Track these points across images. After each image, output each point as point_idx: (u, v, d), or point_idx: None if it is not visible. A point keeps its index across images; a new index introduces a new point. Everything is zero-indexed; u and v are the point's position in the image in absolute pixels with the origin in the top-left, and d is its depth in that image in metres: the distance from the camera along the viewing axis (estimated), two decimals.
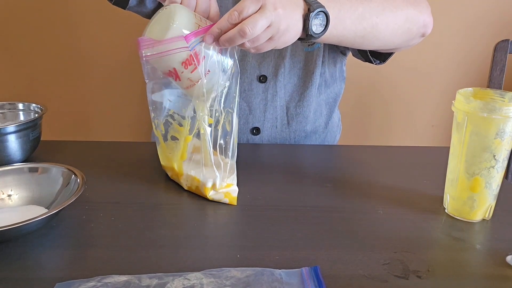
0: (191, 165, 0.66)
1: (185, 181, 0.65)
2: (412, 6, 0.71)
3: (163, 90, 0.63)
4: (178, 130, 0.65)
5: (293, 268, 0.47)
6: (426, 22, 0.73)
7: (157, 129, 0.66)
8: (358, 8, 0.64)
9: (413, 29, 0.72)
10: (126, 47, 1.37)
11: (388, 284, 0.46)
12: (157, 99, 0.64)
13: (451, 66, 1.40)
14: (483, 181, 0.56)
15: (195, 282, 0.44)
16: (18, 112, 0.80)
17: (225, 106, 0.63)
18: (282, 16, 0.55)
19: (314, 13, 0.58)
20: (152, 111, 0.65)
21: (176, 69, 0.58)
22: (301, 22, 0.59)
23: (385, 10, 0.67)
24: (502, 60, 1.05)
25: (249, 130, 0.89)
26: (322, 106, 0.92)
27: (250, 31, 0.53)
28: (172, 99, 0.64)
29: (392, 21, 0.68)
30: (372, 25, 0.66)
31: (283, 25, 0.56)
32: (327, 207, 0.62)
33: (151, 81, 0.63)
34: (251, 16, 0.54)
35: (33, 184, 0.61)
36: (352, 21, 0.64)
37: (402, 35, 0.71)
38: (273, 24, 0.55)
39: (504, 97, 0.58)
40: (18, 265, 0.48)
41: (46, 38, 1.35)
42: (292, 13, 0.57)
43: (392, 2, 0.68)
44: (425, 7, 0.74)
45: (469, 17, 1.34)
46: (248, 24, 0.53)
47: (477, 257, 0.51)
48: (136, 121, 1.45)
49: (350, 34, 0.65)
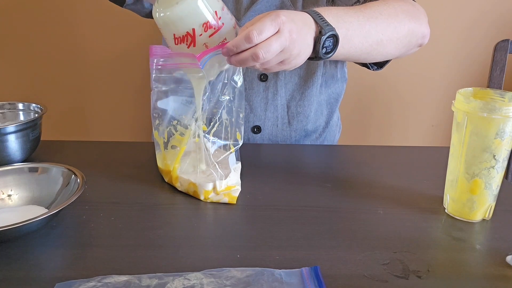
0: (187, 169, 0.66)
1: (181, 185, 0.65)
2: (413, 20, 0.72)
3: (169, 97, 0.64)
4: (179, 140, 0.65)
5: (293, 268, 0.47)
6: (425, 34, 0.74)
7: (160, 136, 0.66)
8: (365, 25, 0.65)
9: (413, 41, 0.73)
10: (126, 47, 1.37)
11: (388, 284, 0.46)
12: (162, 106, 0.64)
13: (451, 66, 1.40)
14: (482, 183, 0.56)
15: (195, 282, 0.44)
16: (18, 112, 0.81)
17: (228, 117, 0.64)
18: (296, 42, 0.55)
19: (325, 37, 0.58)
20: (157, 118, 0.65)
21: (195, 31, 0.57)
22: (312, 45, 0.59)
23: (389, 26, 0.68)
24: (502, 60, 1.05)
25: (250, 129, 0.89)
26: (323, 106, 0.92)
27: (263, 56, 0.53)
28: (176, 106, 0.64)
29: (395, 37, 0.69)
30: (378, 42, 0.67)
31: (296, 50, 0.57)
32: (327, 207, 0.62)
33: (157, 89, 0.63)
34: (267, 41, 0.53)
35: (33, 184, 0.61)
36: (359, 39, 0.65)
37: (403, 48, 0.73)
38: (286, 49, 0.55)
39: (504, 97, 0.58)
40: (18, 265, 0.48)
41: (46, 38, 1.35)
42: (305, 37, 0.57)
43: (395, 17, 0.69)
44: (424, 18, 0.75)
45: (469, 17, 1.34)
46: (262, 48, 0.53)
47: (477, 257, 0.51)
48: (136, 121, 1.45)
49: (357, 51, 0.66)
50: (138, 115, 1.44)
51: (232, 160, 0.67)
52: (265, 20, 0.53)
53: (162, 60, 0.61)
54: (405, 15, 0.70)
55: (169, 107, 0.64)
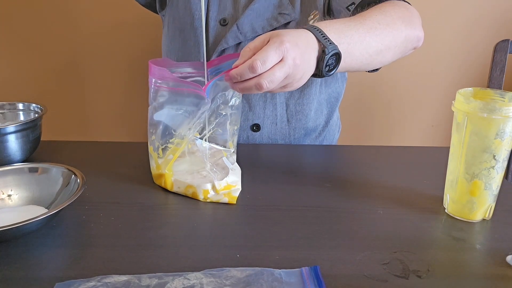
0: (182, 173, 0.66)
1: (179, 188, 0.64)
2: (409, 25, 0.72)
3: (164, 108, 0.63)
4: (174, 149, 0.65)
5: (293, 268, 0.47)
6: (420, 37, 0.75)
7: (155, 151, 0.66)
8: (366, 38, 0.65)
9: (409, 46, 0.74)
10: (126, 48, 1.37)
11: (388, 284, 0.46)
12: (159, 118, 0.64)
13: (451, 66, 1.40)
14: (482, 184, 0.56)
15: (195, 282, 0.44)
16: (18, 112, 0.81)
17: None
18: (299, 67, 0.56)
19: (328, 56, 0.58)
20: (153, 134, 0.65)
21: None
22: (315, 64, 0.59)
23: (388, 36, 0.68)
24: (502, 60, 1.05)
25: (249, 127, 0.89)
26: (323, 105, 0.92)
27: (267, 86, 0.54)
28: (172, 116, 0.64)
29: (393, 45, 0.70)
30: (377, 52, 0.67)
31: (299, 75, 0.57)
32: (327, 207, 0.62)
33: (154, 103, 0.63)
34: (271, 70, 0.54)
35: (33, 184, 0.61)
36: (360, 51, 0.65)
37: (399, 54, 0.73)
38: (289, 76, 0.56)
39: (504, 97, 0.58)
40: (18, 265, 0.48)
41: (46, 38, 1.35)
42: (308, 60, 0.58)
43: (393, 25, 0.69)
44: (418, 21, 0.75)
45: (469, 17, 1.34)
46: (266, 78, 0.53)
47: (477, 257, 0.51)
48: (136, 121, 1.45)
49: (357, 63, 0.66)
50: (138, 115, 1.44)
51: (228, 162, 0.67)
52: (269, 49, 0.53)
53: (160, 82, 0.62)
54: (402, 22, 0.71)
55: (164, 118, 0.64)
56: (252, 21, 0.83)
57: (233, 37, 0.83)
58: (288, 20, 0.83)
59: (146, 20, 1.00)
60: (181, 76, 0.71)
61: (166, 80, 0.61)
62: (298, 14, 0.84)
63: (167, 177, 0.64)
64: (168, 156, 0.65)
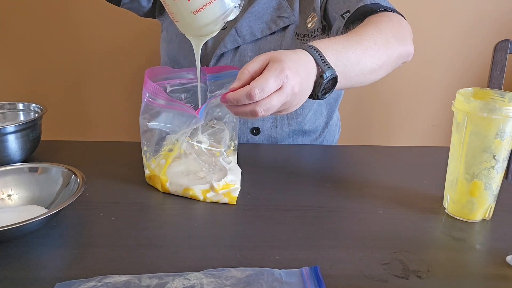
0: (178, 175, 0.66)
1: (176, 191, 0.64)
2: (401, 43, 0.72)
3: (160, 116, 0.63)
4: (167, 155, 0.65)
5: (293, 268, 0.47)
6: (410, 52, 0.75)
7: (148, 161, 0.66)
8: (362, 58, 0.65)
9: (399, 62, 0.74)
10: (127, 48, 1.37)
11: (388, 284, 0.46)
12: (153, 126, 0.63)
13: (451, 66, 1.40)
14: (482, 184, 0.56)
15: (195, 282, 0.44)
16: (18, 112, 0.81)
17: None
18: (297, 95, 0.55)
19: (326, 81, 0.58)
20: (145, 145, 0.65)
21: None
22: (312, 88, 0.59)
23: (383, 55, 0.68)
24: (502, 60, 1.05)
25: (249, 130, 0.89)
26: (322, 106, 0.92)
27: (263, 114, 0.53)
28: (167, 120, 0.64)
29: (386, 63, 0.70)
30: (371, 72, 0.67)
31: (296, 102, 0.56)
32: (327, 207, 0.62)
33: (147, 113, 0.63)
34: (268, 98, 0.52)
35: (33, 184, 0.61)
36: (355, 73, 0.65)
37: (391, 70, 0.73)
38: (286, 103, 0.55)
39: (504, 97, 0.58)
40: (18, 265, 0.48)
41: (46, 38, 1.35)
42: (306, 87, 0.57)
43: (387, 44, 0.69)
44: (410, 36, 0.75)
45: (469, 17, 1.34)
46: (262, 106, 0.52)
47: (477, 257, 0.51)
48: (135, 121, 1.45)
49: (351, 83, 0.66)
50: (138, 115, 1.44)
51: (224, 163, 0.67)
52: (269, 77, 0.52)
53: (152, 99, 0.61)
54: (395, 40, 0.71)
55: (159, 124, 0.63)
56: (251, 24, 0.83)
57: (232, 40, 0.83)
58: (287, 23, 0.83)
59: (146, 20, 1.00)
60: (181, 83, 0.71)
61: (158, 98, 0.61)
62: (297, 17, 0.84)
63: (162, 182, 0.64)
64: (161, 161, 0.65)
